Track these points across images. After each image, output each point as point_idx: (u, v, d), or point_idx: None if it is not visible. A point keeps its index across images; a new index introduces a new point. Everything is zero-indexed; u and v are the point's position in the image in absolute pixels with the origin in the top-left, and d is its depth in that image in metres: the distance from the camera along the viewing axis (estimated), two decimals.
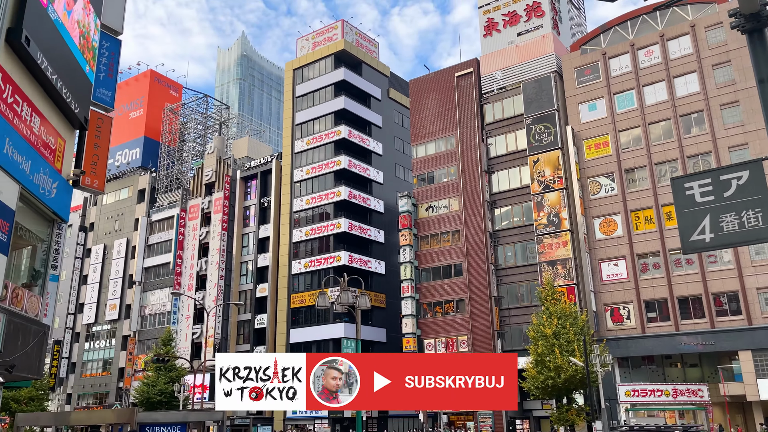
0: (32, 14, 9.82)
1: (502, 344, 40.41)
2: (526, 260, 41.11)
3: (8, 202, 9.39)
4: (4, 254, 9.30)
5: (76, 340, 65.87)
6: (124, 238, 64.74)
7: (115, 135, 70.60)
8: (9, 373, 9.32)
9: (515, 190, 42.73)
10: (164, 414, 13.58)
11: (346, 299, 13.02)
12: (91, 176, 12.42)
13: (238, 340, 54.68)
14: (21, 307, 10.47)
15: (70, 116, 11.90)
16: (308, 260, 51.03)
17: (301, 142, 54.82)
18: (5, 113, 9.46)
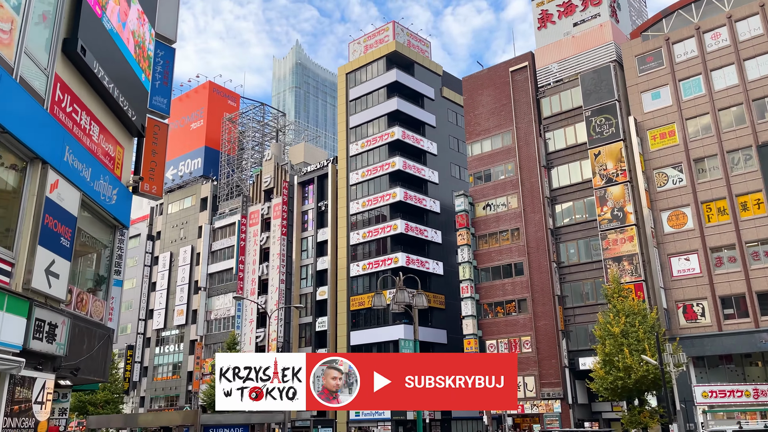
0: (87, 25, 10.06)
1: (567, 344, 39.17)
2: (590, 257, 39.73)
3: (70, 209, 9.62)
4: (68, 259, 9.53)
5: (147, 345, 68.40)
6: (188, 246, 66.79)
7: (177, 146, 73.13)
8: (74, 376, 9.53)
9: (576, 185, 41.40)
10: (227, 416, 13.69)
11: (402, 299, 12.77)
12: (149, 182, 12.66)
13: (300, 343, 55.35)
14: (86, 311, 10.74)
15: (128, 124, 12.16)
16: (366, 262, 51.10)
17: (356, 146, 55.03)
18: (65, 122, 9.71)
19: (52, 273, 9.08)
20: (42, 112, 8.97)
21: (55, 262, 9.15)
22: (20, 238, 8.59)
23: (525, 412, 39.76)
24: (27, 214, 8.72)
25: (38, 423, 8.72)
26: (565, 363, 38.47)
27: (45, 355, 8.87)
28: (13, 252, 8.51)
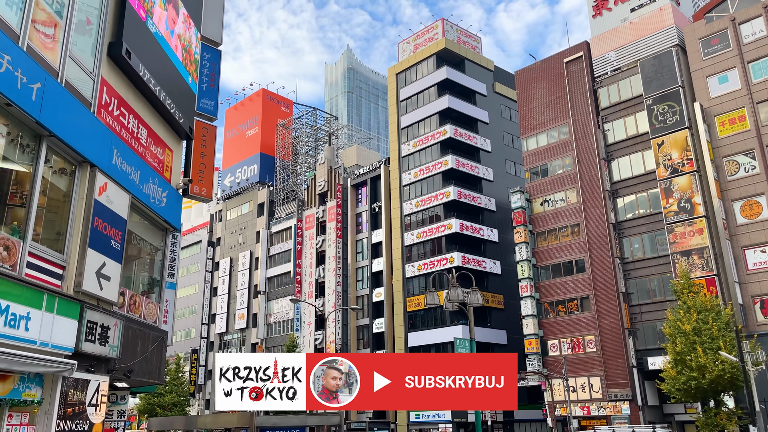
0: (131, 28, 10.09)
1: (635, 343, 37.49)
2: (656, 252, 37.93)
3: (120, 212, 9.65)
4: (119, 262, 9.55)
5: (210, 348, 70.09)
6: (247, 251, 68.07)
7: (233, 153, 74.78)
8: (127, 378, 9.53)
9: (639, 176, 39.65)
10: (282, 418, 13.54)
11: (456, 296, 12.28)
12: (199, 185, 12.67)
13: (358, 345, 55.39)
14: (139, 313, 10.77)
15: (176, 127, 12.19)
16: (421, 263, 50.61)
17: (408, 146, 54.66)
18: (112, 125, 9.75)
19: (103, 275, 9.10)
20: (89, 116, 9.01)
21: (106, 264, 9.18)
22: (70, 241, 8.64)
23: (591, 414, 38.31)
24: (77, 217, 8.76)
25: (93, 425, 8.74)
26: (632, 363, 36.83)
27: (98, 357, 8.90)
28: (64, 255, 8.56)
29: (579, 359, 39.33)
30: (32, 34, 7.79)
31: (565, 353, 39.71)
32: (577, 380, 38.94)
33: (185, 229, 78.85)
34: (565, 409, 37.22)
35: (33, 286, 7.53)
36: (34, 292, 7.51)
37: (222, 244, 72.58)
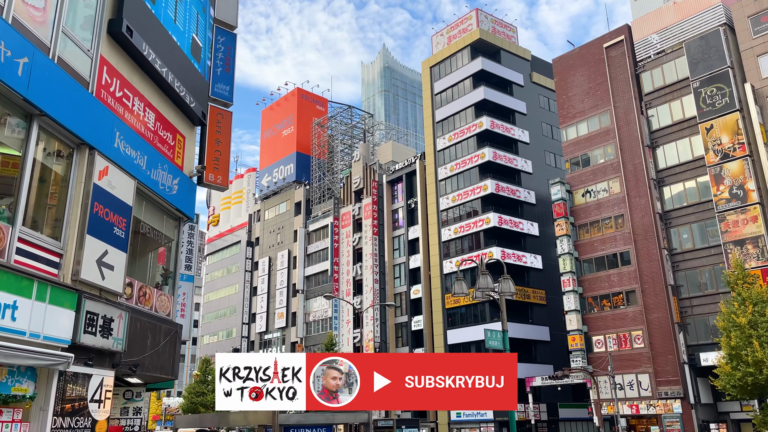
0: (132, 6, 9.59)
1: (685, 338, 35.64)
2: (707, 242, 35.98)
3: (124, 198, 9.17)
4: (123, 250, 9.08)
5: (251, 347, 70.54)
6: (285, 250, 68.21)
7: (270, 153, 75.09)
8: (133, 372, 9.03)
9: (686, 163, 37.72)
10: (308, 415, 12.93)
11: (485, 284, 11.42)
12: (214, 172, 12.17)
13: (396, 343, 54.69)
14: (150, 305, 10.30)
15: (188, 112, 11.70)
16: (459, 258, 49.51)
17: (443, 140, 53.65)
18: (113, 107, 9.28)
19: (105, 264, 8.63)
20: (86, 95, 8.55)
21: (108, 252, 8.70)
22: (68, 227, 8.18)
23: (640, 412, 36.63)
24: (74, 203, 8.30)
25: (96, 423, 8.26)
26: (683, 359, 35.02)
27: (100, 350, 8.42)
28: (60, 242, 8.11)
29: (626, 355, 37.67)
30: (19, 6, 7.34)
31: (611, 349, 38.10)
32: (624, 377, 37.31)
33: (224, 229, 79.68)
34: (612, 407, 35.67)
35: (21, 273, 7.07)
36: (22, 279, 7.05)
37: (261, 243, 72.98)
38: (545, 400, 44.89)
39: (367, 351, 54.73)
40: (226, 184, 12.45)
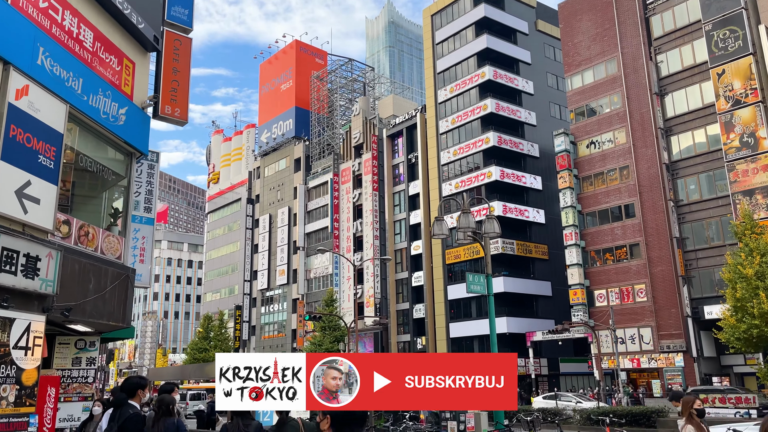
0: None
1: (689, 291, 34.79)
2: (714, 192, 34.74)
3: (52, 123, 8.12)
4: (52, 183, 8.08)
5: (253, 305, 70.52)
6: (285, 207, 67.38)
7: (269, 108, 73.47)
8: (66, 317, 8.14)
9: (695, 111, 36.17)
10: None
11: (466, 223, 10.41)
12: (171, 104, 11.05)
13: (397, 299, 54.25)
14: (94, 247, 9.36)
15: (137, 35, 10.53)
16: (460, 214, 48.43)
17: (444, 91, 51.96)
18: (36, 18, 8.14)
19: (29, 197, 7.65)
20: None
21: (32, 183, 7.71)
22: None
23: (641, 366, 36.11)
24: None
25: (22, 371, 7.41)
26: (687, 312, 34.23)
27: (24, 292, 7.51)
28: None
29: (628, 309, 36.95)
30: None
31: (613, 303, 37.35)
32: (625, 331, 36.67)
33: (225, 187, 78.80)
34: (613, 361, 35.12)
35: None
36: None
37: (261, 201, 72.15)
38: (546, 354, 44.50)
39: (368, 307, 54.38)
40: (185, 118, 11.35)
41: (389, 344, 53.31)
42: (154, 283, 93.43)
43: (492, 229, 10.77)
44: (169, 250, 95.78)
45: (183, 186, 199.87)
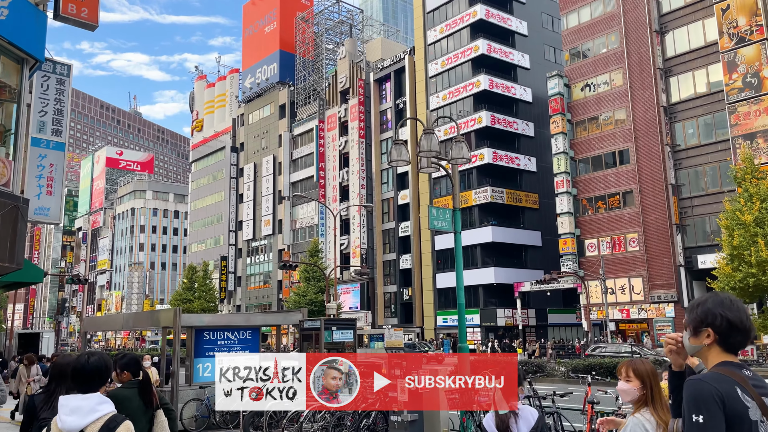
0: None
1: (683, 240, 33.48)
2: (714, 137, 33.02)
3: None
4: None
5: (239, 255, 69.26)
6: (270, 155, 65.32)
7: (253, 53, 70.43)
8: None
9: (697, 50, 34.05)
10: (222, 317, 10.58)
11: (428, 146, 8.70)
12: (75, 2, 9.10)
13: (384, 249, 52.99)
14: None
15: None
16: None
17: (434, 32, 49.36)
18: None
19: None
20: None
21: None
22: None
23: (631, 317, 35.14)
24: None
25: None
26: (680, 261, 33.01)
27: None
28: None
29: (619, 259, 35.72)
30: None
31: (604, 253, 36.09)
32: (616, 282, 35.54)
33: (209, 135, 76.39)
34: (602, 312, 34.10)
35: None
36: None
37: (245, 149, 69.99)
38: (534, 305, 43.59)
39: (354, 258, 53.14)
40: (96, 21, 9.46)
41: (375, 295, 52.35)
42: (140, 234, 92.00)
43: (460, 154, 9.08)
44: (154, 200, 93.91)
45: (172, 136, 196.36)
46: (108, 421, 2.67)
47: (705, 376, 2.06)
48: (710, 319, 2.12)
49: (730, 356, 2.12)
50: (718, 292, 2.22)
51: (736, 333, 2.09)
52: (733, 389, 1.99)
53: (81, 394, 2.74)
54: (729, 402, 1.97)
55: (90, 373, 2.81)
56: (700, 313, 2.15)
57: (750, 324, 2.13)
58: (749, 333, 2.11)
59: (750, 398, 2.00)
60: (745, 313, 2.13)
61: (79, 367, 2.82)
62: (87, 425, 2.64)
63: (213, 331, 11.18)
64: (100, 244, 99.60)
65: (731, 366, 2.07)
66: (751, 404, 1.99)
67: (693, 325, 2.18)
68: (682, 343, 2.35)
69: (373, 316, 50.93)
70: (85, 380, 2.79)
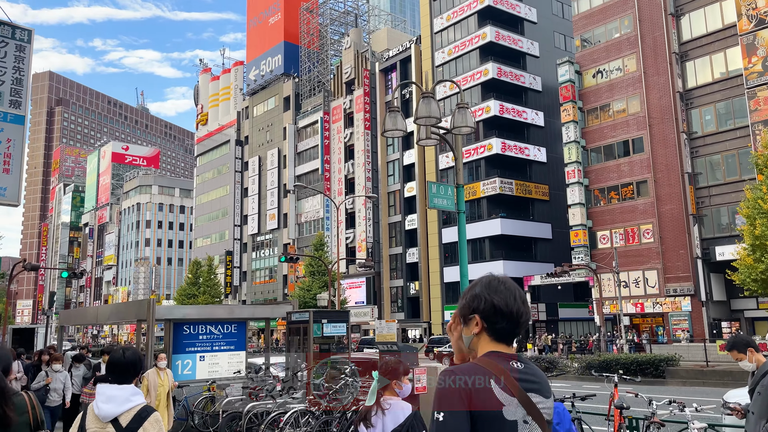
0: None
1: (700, 231, 32.18)
2: (733, 123, 31.66)
3: None
4: None
5: (244, 250, 68.44)
6: (275, 148, 64.38)
7: (257, 44, 69.45)
8: None
9: (715, 33, 32.67)
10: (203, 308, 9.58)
11: (426, 112, 7.63)
12: None
13: (390, 243, 51.94)
14: None
15: None
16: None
17: (440, 19, 48.15)
18: None
19: None
20: None
21: None
22: None
23: (645, 311, 33.90)
24: None
25: None
26: (697, 253, 31.71)
27: None
28: None
29: (633, 251, 34.47)
30: None
31: (617, 245, 34.85)
32: (629, 274, 34.29)
33: (213, 128, 75.55)
34: (615, 306, 32.88)
35: None
36: None
37: (250, 142, 69.08)
38: (545, 300, 42.40)
39: (360, 252, 52.14)
40: None
41: (381, 290, 51.34)
42: (146, 229, 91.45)
43: (464, 122, 7.99)
44: (160, 195, 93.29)
45: (179, 132, 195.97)
46: (140, 411, 2.89)
47: (457, 368, 1.80)
48: (476, 304, 1.86)
49: (501, 346, 1.85)
50: (490, 274, 1.93)
51: (501, 319, 1.83)
52: (487, 383, 1.74)
53: (117, 385, 2.94)
54: (478, 398, 1.72)
55: (126, 366, 2.98)
56: (468, 299, 1.89)
57: (520, 309, 1.84)
58: (518, 319, 1.83)
59: (508, 394, 1.74)
60: (515, 295, 1.84)
61: (116, 361, 2.99)
62: (122, 413, 2.86)
63: (194, 325, 10.17)
64: (107, 239, 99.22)
65: (496, 357, 1.80)
66: (509, 401, 1.73)
67: (461, 313, 1.90)
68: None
69: (379, 311, 49.92)
70: (121, 372, 2.97)
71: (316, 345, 9.84)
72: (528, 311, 1.87)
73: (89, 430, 2.87)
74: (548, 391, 1.82)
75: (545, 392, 1.80)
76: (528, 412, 1.74)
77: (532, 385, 1.77)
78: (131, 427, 2.82)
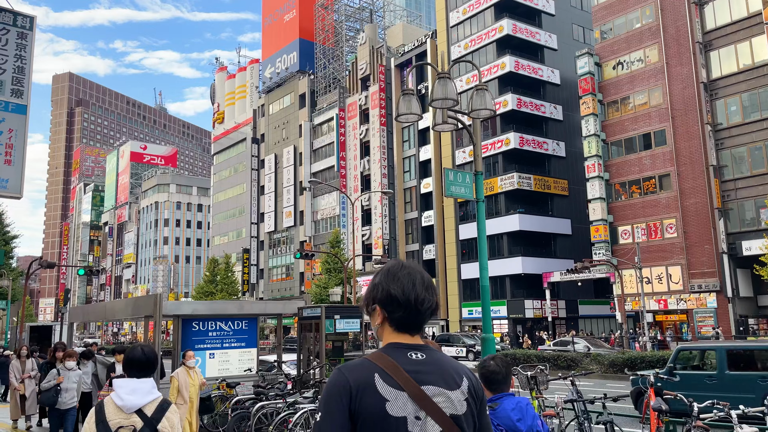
0: None
1: (726, 225, 31.28)
2: (759, 114, 30.71)
3: None
4: None
5: (261, 248, 68.46)
6: (291, 146, 64.23)
7: (272, 41, 69.36)
8: None
9: (739, 21, 31.72)
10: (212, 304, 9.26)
11: (442, 94, 7.20)
12: None
13: (407, 240, 51.49)
14: None
15: None
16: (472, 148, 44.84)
17: (456, 13, 47.52)
18: None
19: None
20: None
21: None
22: None
23: (669, 308, 33.08)
24: None
25: None
26: (722, 248, 30.83)
27: None
28: None
29: (655, 247, 33.66)
30: None
31: (639, 240, 34.06)
32: (652, 270, 33.49)
33: (230, 127, 75.67)
34: (638, 302, 32.13)
35: None
36: None
37: (266, 140, 69.04)
38: (564, 296, 41.68)
39: (376, 249, 51.76)
40: None
41: None
42: (164, 227, 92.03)
43: (482, 105, 7.53)
44: (178, 193, 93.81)
45: (197, 131, 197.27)
46: (162, 402, 3.08)
47: (346, 364, 1.68)
48: (375, 293, 1.76)
49: (403, 336, 1.73)
50: (395, 260, 1.85)
51: (397, 308, 1.71)
52: (370, 378, 1.62)
53: (137, 379, 3.09)
54: (360, 394, 1.60)
55: (145, 362, 3.13)
56: (369, 288, 1.80)
57: (420, 296, 1.69)
58: (416, 307, 1.69)
59: (396, 388, 1.61)
60: (414, 282, 1.71)
61: (136, 358, 3.13)
62: (146, 404, 3.02)
63: (203, 321, 9.85)
64: (126, 238, 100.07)
65: (392, 348, 1.70)
66: (395, 396, 1.60)
67: (365, 303, 1.80)
68: None
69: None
70: (141, 367, 3.12)
71: (329, 342, 9.47)
72: (432, 297, 1.71)
73: (112, 422, 2.95)
74: (453, 382, 1.66)
75: (449, 383, 1.65)
76: (421, 407, 1.60)
77: (429, 377, 1.64)
78: (155, 417, 3.00)
